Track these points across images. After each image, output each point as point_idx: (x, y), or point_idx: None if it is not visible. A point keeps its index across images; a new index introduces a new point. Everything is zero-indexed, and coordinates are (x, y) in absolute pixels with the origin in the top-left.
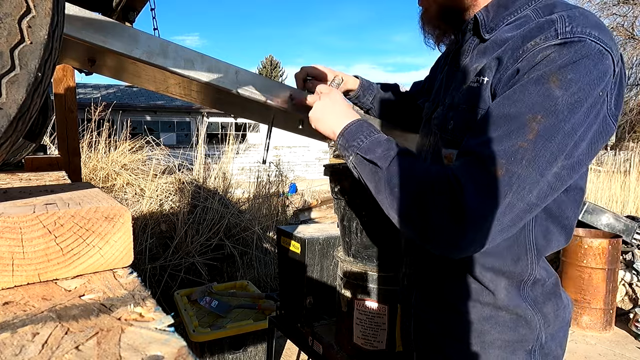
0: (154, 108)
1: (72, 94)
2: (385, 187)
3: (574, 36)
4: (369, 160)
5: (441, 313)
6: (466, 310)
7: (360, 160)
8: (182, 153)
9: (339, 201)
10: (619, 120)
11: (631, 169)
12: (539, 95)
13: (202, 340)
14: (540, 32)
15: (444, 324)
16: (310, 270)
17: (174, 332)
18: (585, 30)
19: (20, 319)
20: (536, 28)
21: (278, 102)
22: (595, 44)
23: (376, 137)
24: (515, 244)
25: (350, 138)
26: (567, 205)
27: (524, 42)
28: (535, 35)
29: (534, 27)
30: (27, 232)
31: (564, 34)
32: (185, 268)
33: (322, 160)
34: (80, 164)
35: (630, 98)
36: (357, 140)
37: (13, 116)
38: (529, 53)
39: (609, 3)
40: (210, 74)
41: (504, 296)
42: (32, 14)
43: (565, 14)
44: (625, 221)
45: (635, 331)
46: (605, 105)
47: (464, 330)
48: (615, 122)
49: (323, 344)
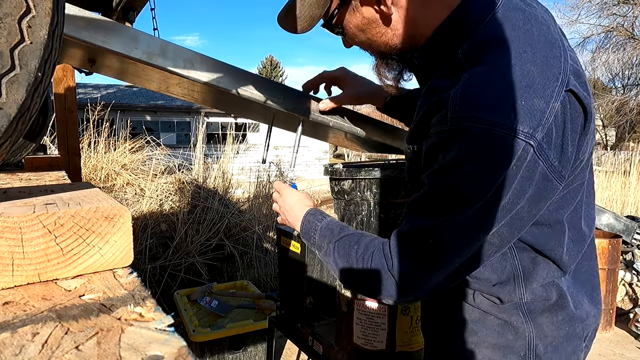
0: (154, 108)
1: (72, 94)
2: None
3: (461, 125)
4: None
5: (437, 310)
6: (458, 311)
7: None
8: (182, 153)
9: (339, 201)
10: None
11: (631, 169)
12: (449, 187)
13: (202, 340)
14: (438, 109)
15: (441, 320)
16: (310, 270)
17: (174, 332)
18: (473, 115)
19: (20, 319)
20: (437, 103)
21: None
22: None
23: (320, 231)
24: (500, 271)
25: (307, 237)
26: (547, 238)
27: (433, 113)
28: (436, 111)
29: (436, 101)
30: (27, 232)
31: (452, 119)
32: (185, 268)
33: (322, 160)
34: (80, 164)
35: (630, 98)
36: (311, 239)
37: (13, 116)
38: (433, 130)
39: (609, 3)
40: (210, 74)
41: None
42: (32, 13)
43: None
44: (625, 221)
45: (635, 331)
46: (538, 167)
47: (457, 329)
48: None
49: (323, 344)
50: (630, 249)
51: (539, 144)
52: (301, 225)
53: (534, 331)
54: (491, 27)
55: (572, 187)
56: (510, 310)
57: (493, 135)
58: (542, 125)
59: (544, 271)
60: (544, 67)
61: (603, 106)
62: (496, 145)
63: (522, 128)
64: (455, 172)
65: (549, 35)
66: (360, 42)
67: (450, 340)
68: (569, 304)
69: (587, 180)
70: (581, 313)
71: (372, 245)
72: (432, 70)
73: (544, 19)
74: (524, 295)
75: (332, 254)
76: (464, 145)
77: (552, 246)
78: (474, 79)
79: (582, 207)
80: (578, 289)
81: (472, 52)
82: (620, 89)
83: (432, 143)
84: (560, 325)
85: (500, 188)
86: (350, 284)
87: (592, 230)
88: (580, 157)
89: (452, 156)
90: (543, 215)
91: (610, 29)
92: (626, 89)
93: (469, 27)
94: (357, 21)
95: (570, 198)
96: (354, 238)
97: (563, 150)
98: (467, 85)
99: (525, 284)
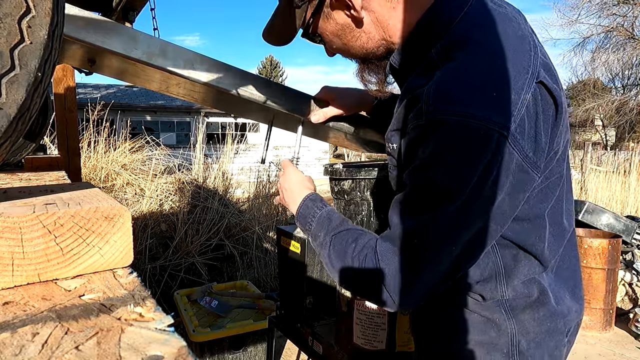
0: (154, 108)
1: (72, 94)
2: (328, 265)
3: (437, 117)
4: (317, 246)
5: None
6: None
7: (312, 242)
8: (182, 153)
9: (339, 201)
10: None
11: (631, 169)
12: (429, 184)
13: (202, 340)
14: (414, 105)
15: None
16: (310, 270)
17: (174, 332)
18: (448, 108)
19: (20, 319)
20: (413, 99)
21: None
22: (460, 122)
23: (319, 219)
24: (482, 268)
25: (303, 221)
26: (528, 233)
27: (410, 109)
28: (412, 106)
29: (411, 98)
30: (27, 232)
31: (427, 113)
32: (185, 268)
33: (322, 160)
34: (80, 164)
35: (630, 98)
36: (307, 225)
37: (13, 116)
38: (410, 126)
39: (609, 3)
40: (210, 74)
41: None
42: (32, 14)
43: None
44: (625, 221)
45: (635, 331)
46: (513, 158)
47: (443, 329)
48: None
49: (323, 344)
50: (630, 249)
51: (512, 134)
52: (298, 209)
53: (516, 328)
54: (462, 26)
55: (550, 181)
56: (493, 308)
57: (469, 127)
58: (514, 116)
59: (525, 267)
60: (514, 61)
61: (603, 106)
62: (472, 137)
63: (495, 119)
64: (434, 166)
65: (519, 32)
66: (338, 49)
67: (437, 341)
68: (549, 300)
69: (565, 175)
70: (562, 309)
71: (367, 246)
72: (409, 70)
73: (514, 17)
74: (505, 293)
75: (328, 247)
76: (441, 139)
77: (533, 241)
78: (447, 74)
79: (563, 202)
80: (559, 285)
81: (445, 50)
82: (620, 89)
83: (410, 139)
84: (542, 321)
85: (480, 181)
86: (345, 284)
87: (572, 225)
88: (554, 148)
89: (430, 150)
90: (523, 210)
91: (610, 29)
92: (626, 89)
93: (441, 27)
94: (332, 27)
95: (549, 192)
96: (352, 235)
97: (537, 140)
98: (440, 80)
99: (506, 280)
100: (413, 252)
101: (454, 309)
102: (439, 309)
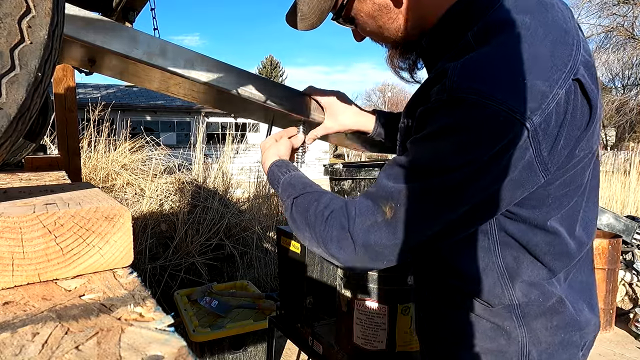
0: (154, 108)
1: (72, 93)
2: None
3: (457, 95)
4: (284, 210)
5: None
6: (452, 315)
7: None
8: (182, 153)
9: None
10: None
11: (631, 169)
12: (432, 153)
13: (202, 340)
14: (440, 79)
15: (434, 323)
16: (310, 270)
17: (174, 332)
18: (471, 85)
19: (20, 319)
20: (441, 73)
21: (277, 103)
22: (481, 102)
23: (282, 184)
24: (483, 269)
25: (273, 187)
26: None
27: (434, 84)
28: (437, 81)
29: (439, 72)
30: (27, 232)
31: (450, 90)
32: (185, 268)
33: (322, 160)
34: (80, 164)
35: (630, 98)
36: (277, 191)
37: (13, 116)
38: (432, 99)
39: (609, 3)
40: (210, 74)
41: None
42: (32, 14)
43: (464, 61)
44: (625, 221)
45: (635, 331)
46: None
47: (451, 333)
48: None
49: (323, 344)
50: (630, 249)
51: (535, 128)
52: (267, 175)
53: (527, 336)
54: (503, 10)
55: (569, 189)
56: (503, 314)
57: (487, 109)
58: (542, 109)
59: (528, 269)
60: (554, 52)
61: (603, 106)
62: (490, 120)
63: (519, 107)
64: (442, 139)
65: (563, 24)
66: (371, 32)
67: (443, 341)
68: (566, 309)
69: (588, 184)
70: (582, 320)
71: (333, 203)
72: (441, 53)
73: (560, 8)
74: (513, 296)
75: (290, 209)
76: (456, 115)
77: (539, 245)
78: (478, 55)
79: (579, 211)
80: (576, 296)
81: (482, 33)
82: (620, 89)
83: (426, 108)
84: (555, 331)
85: (485, 166)
86: (307, 242)
87: (591, 238)
88: (576, 154)
89: (441, 124)
90: (533, 213)
91: (610, 29)
92: (626, 89)
93: (480, 9)
94: (368, 8)
95: (564, 200)
96: (315, 195)
97: (556, 141)
98: (470, 58)
99: (511, 282)
100: (394, 215)
101: (459, 310)
102: (448, 312)
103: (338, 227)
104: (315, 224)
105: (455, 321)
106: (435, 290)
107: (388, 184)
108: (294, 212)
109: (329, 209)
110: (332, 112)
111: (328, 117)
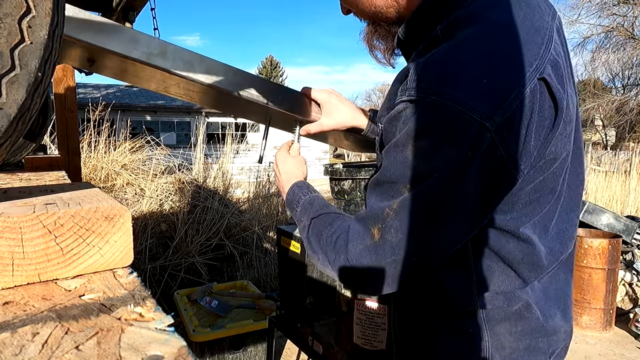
0: (154, 108)
1: (72, 94)
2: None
3: (417, 95)
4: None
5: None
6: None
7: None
8: (182, 153)
9: (339, 201)
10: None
11: (631, 169)
12: (400, 164)
13: (202, 340)
14: (403, 79)
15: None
16: (310, 270)
17: (174, 332)
18: (430, 86)
19: (20, 319)
20: (404, 73)
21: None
22: (439, 104)
23: (303, 205)
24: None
25: (290, 207)
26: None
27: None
28: (402, 80)
29: (403, 73)
30: (27, 232)
31: (411, 90)
32: (185, 268)
33: (322, 160)
34: (80, 164)
35: (630, 98)
36: (294, 211)
37: (13, 116)
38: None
39: (609, 3)
40: (210, 75)
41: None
42: (32, 14)
43: (426, 59)
44: (625, 221)
45: (635, 331)
46: (496, 155)
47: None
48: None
49: (323, 344)
50: (630, 249)
51: (498, 128)
52: (286, 195)
53: (490, 341)
54: (476, 4)
55: (540, 195)
56: (469, 319)
57: (446, 110)
58: (504, 109)
59: (499, 278)
60: (521, 51)
61: (603, 106)
62: (450, 122)
63: (480, 107)
64: (405, 147)
65: (537, 22)
66: (349, 3)
67: (413, 347)
68: (532, 314)
69: (562, 191)
70: (550, 326)
71: (340, 228)
72: (415, 46)
73: (538, 6)
74: (479, 303)
75: (307, 230)
76: (416, 118)
77: (511, 253)
78: (441, 51)
79: (552, 221)
80: (549, 303)
81: (450, 27)
82: (620, 89)
83: (391, 115)
84: (520, 336)
85: (453, 172)
86: (320, 265)
87: (567, 247)
88: (546, 155)
89: (404, 130)
90: (503, 220)
91: (610, 29)
92: (626, 89)
93: (455, 2)
94: None
95: (537, 207)
96: (330, 218)
97: (526, 141)
98: (431, 56)
99: (479, 290)
100: (380, 236)
101: (427, 314)
102: (418, 319)
103: (342, 253)
104: (327, 249)
105: (422, 325)
106: (405, 293)
107: (371, 203)
108: (310, 234)
109: (336, 234)
110: (328, 109)
111: (324, 114)
